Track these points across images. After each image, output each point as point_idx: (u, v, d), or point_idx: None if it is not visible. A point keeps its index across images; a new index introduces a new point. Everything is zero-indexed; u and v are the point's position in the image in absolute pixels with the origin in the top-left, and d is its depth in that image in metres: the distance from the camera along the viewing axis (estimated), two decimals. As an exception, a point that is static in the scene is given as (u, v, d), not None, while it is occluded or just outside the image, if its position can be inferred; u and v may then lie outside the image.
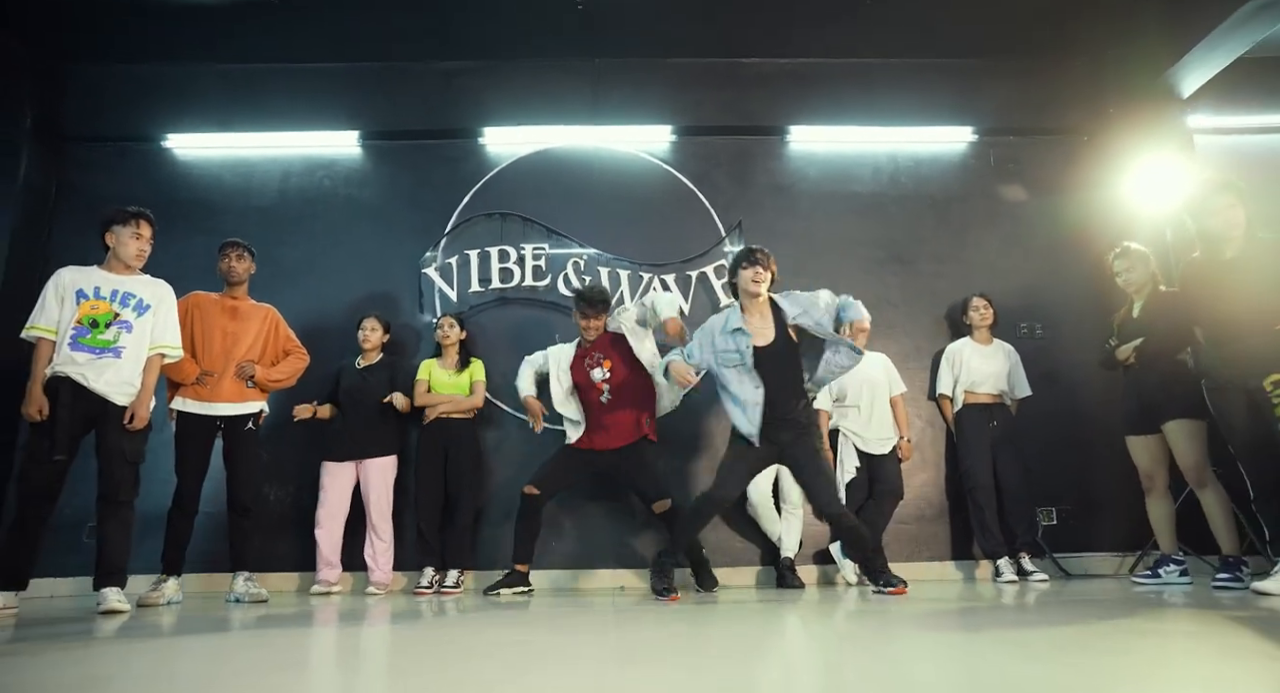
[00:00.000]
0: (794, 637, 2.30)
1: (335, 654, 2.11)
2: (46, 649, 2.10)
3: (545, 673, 1.64)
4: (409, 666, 1.79)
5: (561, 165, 5.11)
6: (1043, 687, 1.38)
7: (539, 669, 1.69)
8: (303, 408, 4.25)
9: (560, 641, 2.17)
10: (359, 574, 4.36)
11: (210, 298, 3.87)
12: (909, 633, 2.22)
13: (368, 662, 1.97)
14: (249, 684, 1.56)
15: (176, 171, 5.09)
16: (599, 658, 1.83)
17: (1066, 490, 4.63)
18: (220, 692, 1.52)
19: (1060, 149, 5.15)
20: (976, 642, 1.99)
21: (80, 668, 1.81)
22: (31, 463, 3.08)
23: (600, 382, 4.08)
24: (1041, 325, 4.91)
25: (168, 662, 1.94)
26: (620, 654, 1.89)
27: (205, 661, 1.95)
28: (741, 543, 4.55)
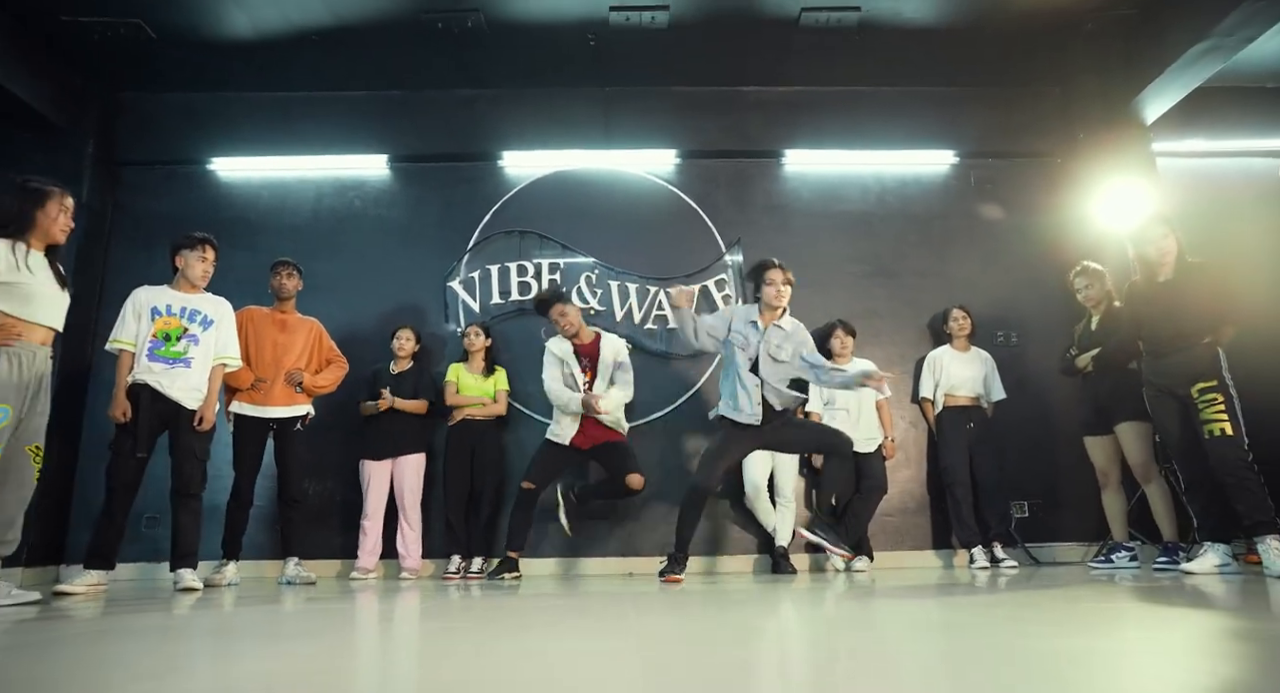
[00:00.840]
0: (788, 614, 2.72)
1: (393, 623, 2.54)
2: (159, 615, 2.54)
3: (578, 636, 2.07)
4: (460, 630, 2.22)
5: (575, 186, 5.54)
6: (994, 647, 1.82)
7: (572, 634, 2.12)
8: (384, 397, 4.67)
9: (583, 608, 2.60)
10: (390, 562, 4.79)
11: (262, 312, 4.31)
12: (892, 609, 2.65)
13: (419, 629, 2.41)
14: (324, 644, 1.99)
15: (220, 192, 5.53)
16: (617, 618, 2.27)
17: (1037, 486, 5.06)
18: (304, 647, 1.95)
19: (1035, 171, 5.58)
20: (950, 616, 2.42)
21: (202, 622, 2.25)
22: (118, 459, 3.53)
23: (585, 387, 4.54)
24: (1015, 334, 5.33)
25: (259, 623, 2.37)
26: (638, 630, 2.32)
27: (287, 625, 2.39)
28: (740, 533, 4.98)
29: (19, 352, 2.93)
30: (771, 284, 3.98)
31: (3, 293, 2.94)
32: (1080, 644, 1.61)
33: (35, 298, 2.99)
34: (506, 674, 1.43)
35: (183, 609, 2.80)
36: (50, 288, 3.05)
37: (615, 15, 4.84)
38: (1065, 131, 5.53)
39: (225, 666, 1.59)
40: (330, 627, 2.23)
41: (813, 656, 1.68)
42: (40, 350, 3.01)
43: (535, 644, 1.81)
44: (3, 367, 2.89)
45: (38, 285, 3.00)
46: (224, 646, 1.92)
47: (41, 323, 3.01)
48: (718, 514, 5.02)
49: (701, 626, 2.17)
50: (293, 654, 1.70)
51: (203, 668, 1.59)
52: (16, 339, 2.93)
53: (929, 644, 1.77)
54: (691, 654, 1.63)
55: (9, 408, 2.88)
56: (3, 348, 2.90)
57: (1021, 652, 1.55)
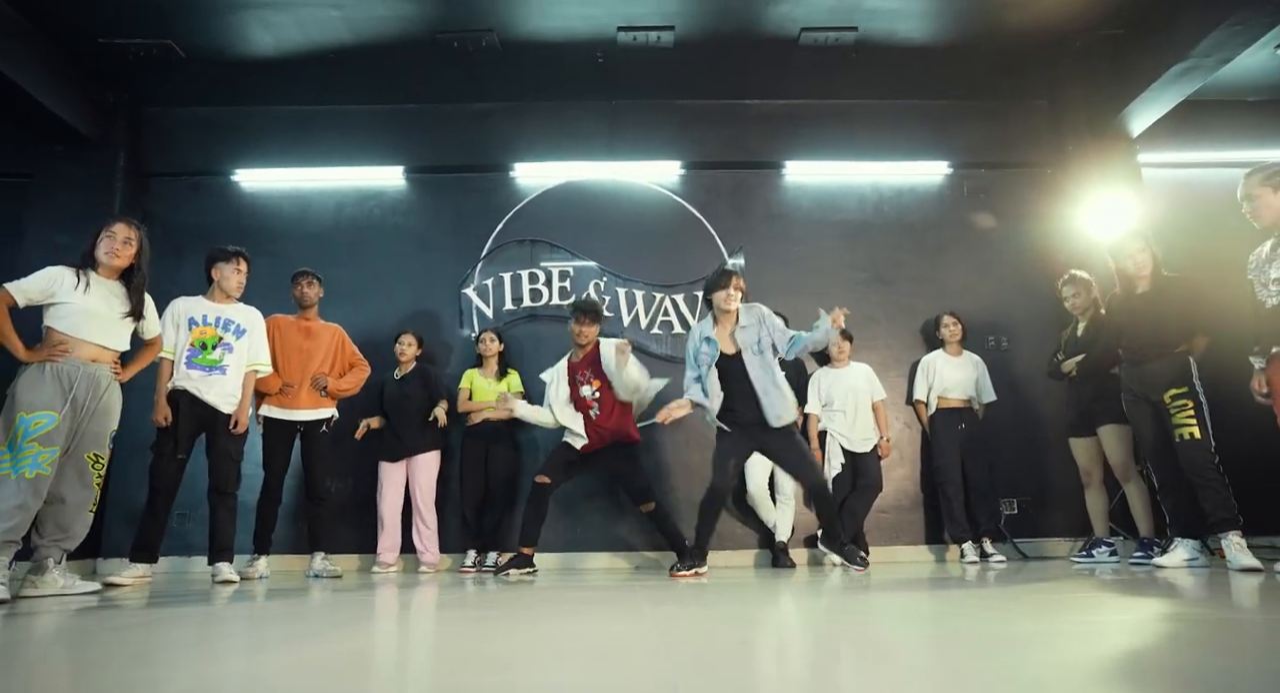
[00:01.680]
0: (788, 606, 2.97)
1: (417, 610, 2.79)
2: (203, 605, 2.79)
3: (593, 619, 2.31)
4: (479, 615, 2.47)
5: (583, 196, 5.78)
6: (976, 630, 2.05)
7: (587, 618, 2.37)
8: (361, 426, 4.90)
9: (599, 597, 2.84)
10: (409, 557, 5.03)
11: (288, 320, 4.55)
12: (883, 600, 2.89)
13: (451, 615, 2.65)
14: (360, 631, 2.23)
15: (243, 202, 5.77)
16: (630, 608, 2.51)
17: (1026, 484, 5.30)
18: (342, 634, 2.19)
19: (1026, 181, 5.80)
20: (935, 606, 2.66)
21: (244, 610, 2.49)
22: (160, 460, 3.78)
23: (589, 399, 4.56)
24: (1006, 339, 5.56)
25: (292, 612, 2.62)
26: (648, 617, 2.56)
27: (317, 613, 2.63)
28: (742, 529, 5.22)
29: (65, 366, 3.16)
30: (723, 288, 4.03)
31: (55, 312, 3.18)
32: (1042, 628, 1.85)
33: (87, 319, 3.22)
34: (542, 652, 1.67)
35: (224, 600, 3.04)
36: (106, 310, 3.29)
37: (623, 35, 5.06)
38: (1055, 143, 5.75)
39: (299, 648, 1.84)
40: (369, 615, 2.48)
41: (806, 638, 1.92)
42: (88, 367, 3.23)
43: (559, 627, 2.05)
44: (47, 378, 3.12)
45: (92, 307, 3.23)
46: (281, 630, 2.17)
47: (90, 341, 3.24)
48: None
49: (707, 614, 2.41)
50: (351, 638, 1.94)
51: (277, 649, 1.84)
52: (64, 355, 3.16)
53: (913, 630, 2.01)
54: (700, 639, 1.87)
55: (54, 414, 3.10)
56: (49, 361, 3.14)
57: (990, 636, 1.79)
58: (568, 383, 4.63)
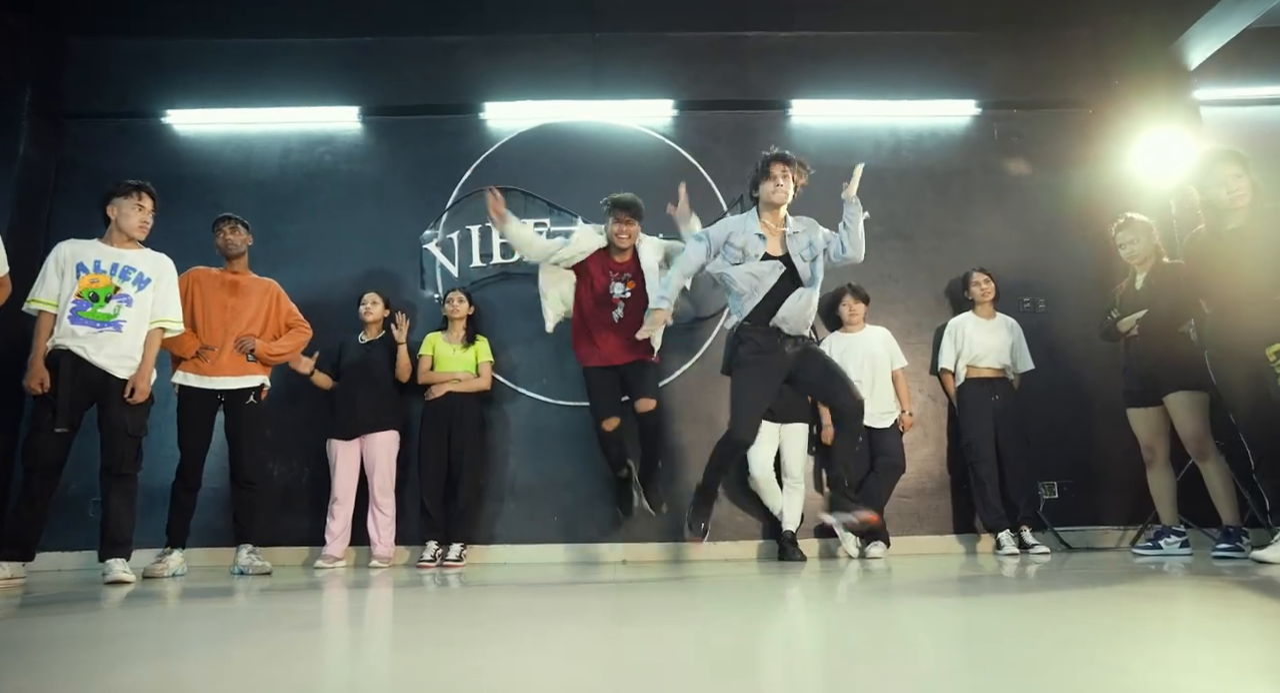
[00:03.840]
0: (796, 607, 2.31)
1: (333, 623, 2.13)
2: (54, 613, 2.12)
3: (567, 634, 1.65)
4: (414, 634, 1.81)
5: (563, 140, 5.09)
6: (1039, 644, 1.40)
7: (556, 631, 1.71)
8: (304, 361, 4.25)
9: (569, 607, 2.18)
10: (362, 548, 4.38)
11: (211, 273, 3.88)
12: (912, 602, 2.24)
13: (368, 631, 1.99)
14: (253, 646, 1.58)
15: (177, 147, 5.07)
16: (607, 622, 1.85)
17: (1068, 464, 4.64)
18: (222, 654, 1.54)
19: (1064, 122, 5.11)
20: (980, 616, 2.00)
21: (86, 628, 1.83)
22: (35, 435, 3.10)
23: (618, 298, 4.06)
24: (1044, 300, 4.89)
25: (170, 627, 1.96)
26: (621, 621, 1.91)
27: (207, 627, 1.97)
28: (744, 517, 4.56)
29: None
30: (769, 179, 3.43)
31: None
32: (1149, 657, 1.20)
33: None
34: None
35: (93, 609, 2.38)
36: None
37: (605, -54, 4.37)
38: (1098, 78, 5.07)
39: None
40: (241, 628, 1.82)
41: (823, 662, 1.26)
42: None
43: (501, 658, 1.40)
44: None
45: None
46: (103, 656, 1.51)
47: None
48: (720, 496, 4.59)
49: (699, 628, 1.75)
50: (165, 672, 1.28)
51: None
52: None
53: (957, 654, 1.36)
54: (688, 668, 1.22)
55: None
56: None
57: (1071, 670, 1.14)
58: (594, 267, 4.11)
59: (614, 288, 4.09)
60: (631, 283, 4.09)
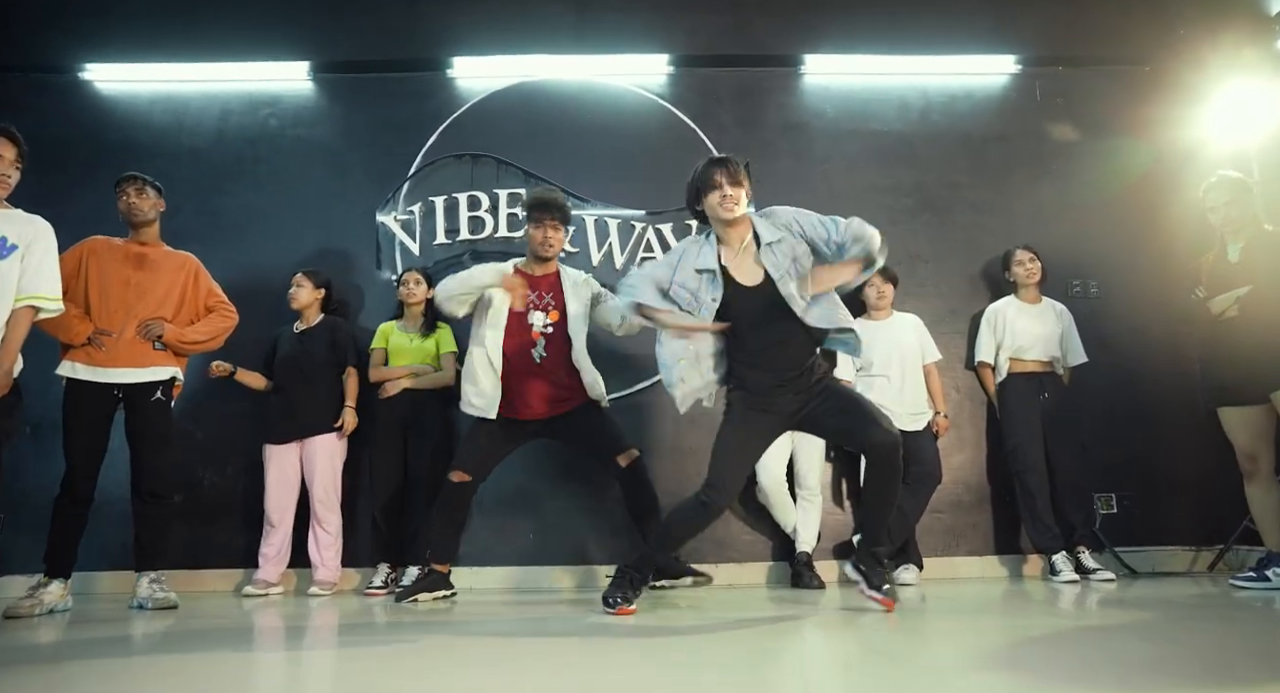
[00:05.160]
0: (814, 652, 1.67)
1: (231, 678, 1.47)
2: None
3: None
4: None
5: (542, 101, 4.43)
6: None
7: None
8: (219, 365, 3.62)
9: (542, 649, 1.53)
10: (304, 571, 3.74)
11: (111, 243, 3.22)
12: (962, 651, 1.60)
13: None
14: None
15: (100, 106, 4.41)
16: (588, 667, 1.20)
17: (1129, 473, 3.98)
18: None
19: (1118, 81, 4.45)
20: (1049, 656, 1.35)
21: None
22: None
23: (538, 331, 3.22)
24: (1096, 283, 4.24)
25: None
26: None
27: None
28: (750, 535, 3.91)
29: None
30: (713, 189, 2.58)
31: None
32: None
33: None
34: None
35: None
36: None
37: None
38: (1159, 30, 4.41)
39: None
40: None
41: None
42: None
43: None
44: None
45: None
46: None
47: None
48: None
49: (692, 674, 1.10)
50: None
51: None
52: None
53: None
54: None
55: None
56: None
57: None
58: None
59: (533, 317, 3.24)
60: (554, 312, 3.24)
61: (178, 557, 3.60)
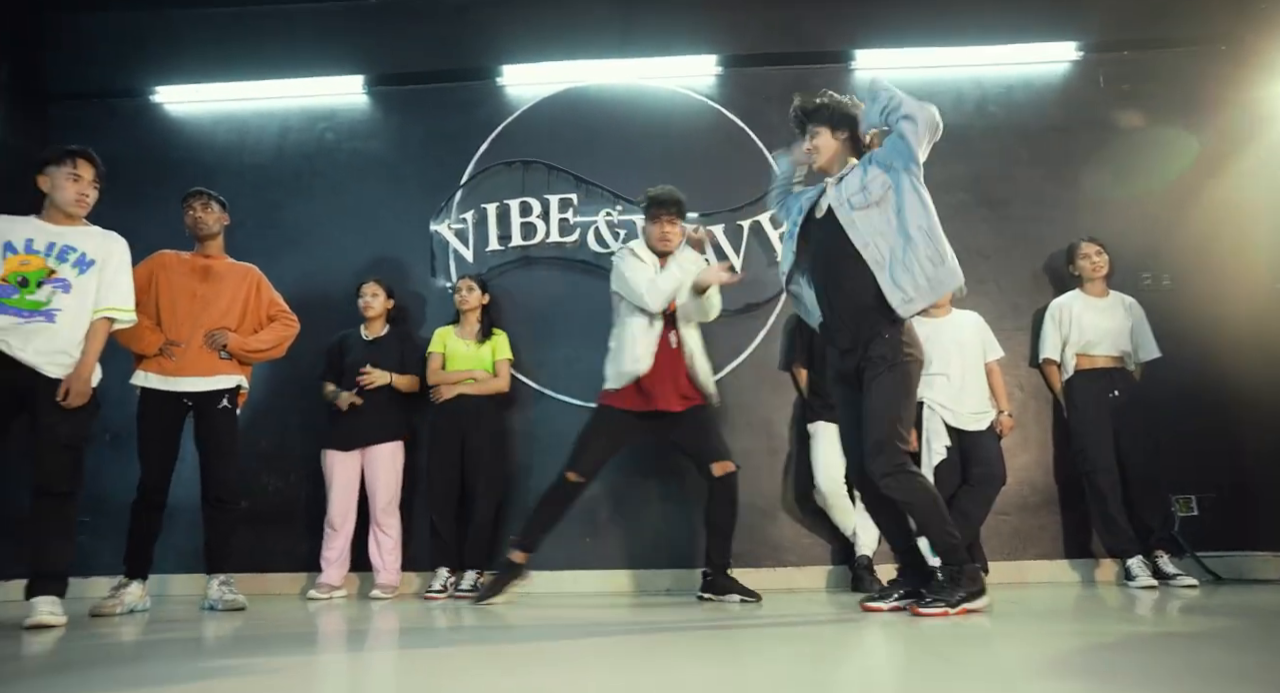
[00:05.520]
0: (870, 654, 1.62)
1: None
2: None
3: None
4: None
5: (591, 106, 4.45)
6: None
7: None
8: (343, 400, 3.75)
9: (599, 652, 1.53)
10: (365, 575, 3.82)
11: (179, 257, 3.34)
12: (1026, 656, 1.53)
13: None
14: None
15: (167, 128, 4.59)
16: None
17: (1210, 473, 3.79)
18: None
19: (1188, 62, 4.26)
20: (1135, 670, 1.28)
21: None
22: (-53, 447, 2.58)
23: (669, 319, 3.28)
24: (1168, 275, 4.06)
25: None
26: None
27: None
28: (809, 539, 3.86)
29: None
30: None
31: None
32: None
33: None
34: None
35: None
36: None
37: None
38: (1235, 6, 4.21)
39: None
40: None
41: None
42: None
43: None
44: None
45: None
46: None
47: None
48: (777, 516, 3.91)
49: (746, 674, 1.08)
50: None
51: None
52: None
53: None
54: None
55: None
56: None
57: None
58: None
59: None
60: (672, 302, 3.28)
61: (244, 561, 3.71)
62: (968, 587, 2.45)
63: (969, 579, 2.46)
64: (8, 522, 3.87)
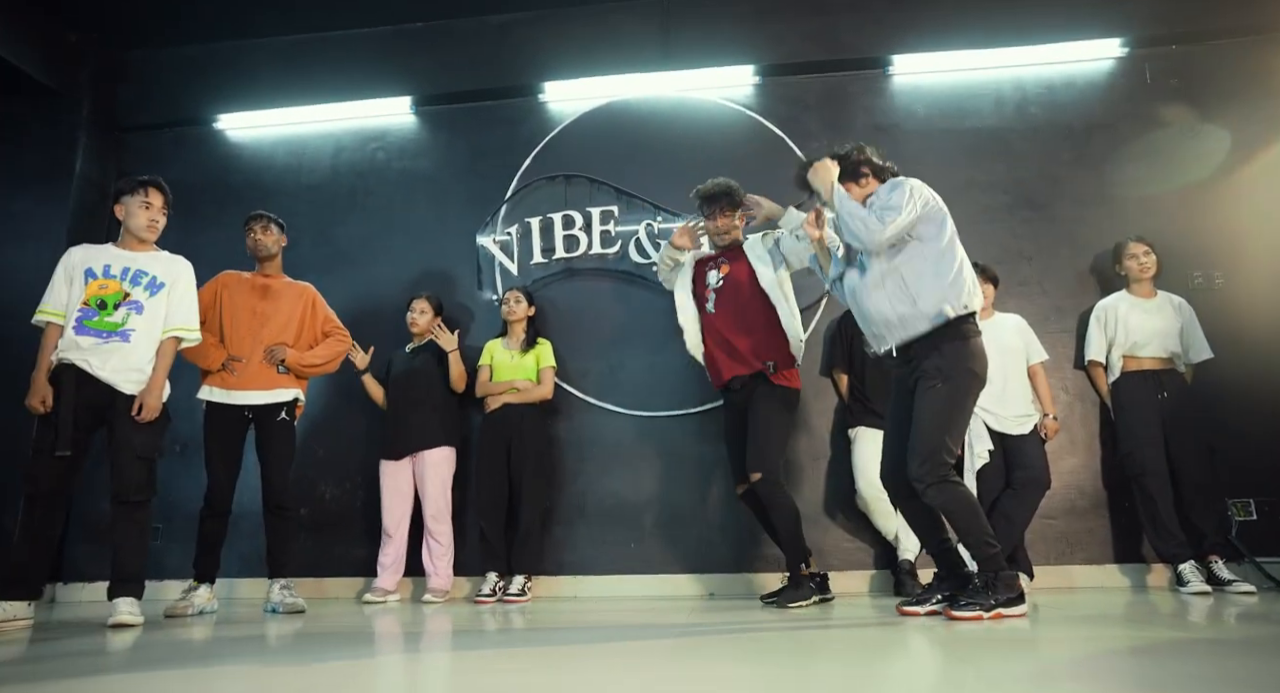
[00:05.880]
0: (898, 667, 1.66)
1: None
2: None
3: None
4: None
5: (631, 119, 4.55)
6: None
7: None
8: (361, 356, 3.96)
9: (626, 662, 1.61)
10: (418, 579, 3.96)
11: (240, 277, 3.53)
12: (1070, 659, 1.55)
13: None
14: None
15: (229, 153, 4.84)
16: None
17: (1269, 477, 3.70)
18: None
19: (1238, 54, 4.16)
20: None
21: None
22: (36, 460, 2.78)
23: (710, 288, 3.48)
24: (1220, 274, 3.97)
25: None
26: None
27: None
28: (851, 543, 3.87)
29: None
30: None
31: None
32: None
33: None
34: None
35: (70, 659, 1.98)
36: None
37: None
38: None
39: None
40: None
41: None
42: None
43: None
44: None
45: None
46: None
47: None
48: (822, 519, 3.93)
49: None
50: None
51: None
52: None
53: None
54: None
55: None
56: None
57: None
58: (692, 276, 3.60)
59: (709, 277, 3.51)
60: (726, 267, 3.46)
61: (303, 566, 3.90)
62: (1004, 592, 2.46)
63: (1005, 586, 2.47)
64: (90, 528, 4.13)
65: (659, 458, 4.10)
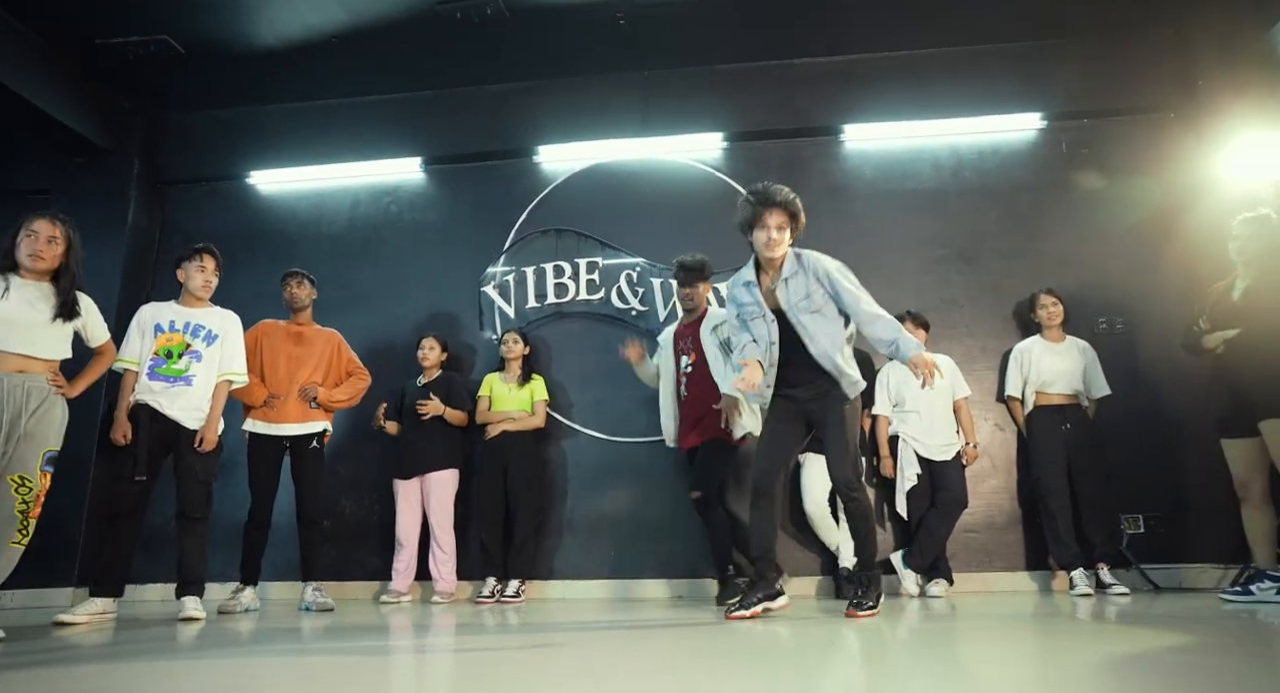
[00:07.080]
0: (851, 650, 2.25)
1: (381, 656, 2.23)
2: (137, 654, 2.32)
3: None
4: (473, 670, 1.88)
5: (613, 179, 5.18)
6: None
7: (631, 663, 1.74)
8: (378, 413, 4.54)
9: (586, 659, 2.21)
10: (427, 583, 4.54)
11: (277, 325, 4.15)
12: (970, 649, 2.14)
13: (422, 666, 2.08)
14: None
15: (260, 206, 5.47)
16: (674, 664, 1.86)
17: (1156, 496, 4.30)
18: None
19: (1141, 129, 4.79)
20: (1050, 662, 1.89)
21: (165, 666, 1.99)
22: (118, 483, 3.40)
23: (682, 372, 4.10)
24: (1123, 319, 4.58)
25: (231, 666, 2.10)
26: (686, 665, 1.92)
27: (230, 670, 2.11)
28: (800, 552, 4.46)
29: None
30: (764, 229, 3.07)
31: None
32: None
33: (7, 326, 2.91)
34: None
35: (154, 643, 2.59)
36: (26, 315, 2.96)
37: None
38: (1180, 79, 4.73)
39: None
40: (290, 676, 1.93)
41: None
42: (14, 378, 2.90)
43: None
44: None
45: (12, 313, 2.92)
46: None
47: (12, 351, 2.91)
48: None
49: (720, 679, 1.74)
50: None
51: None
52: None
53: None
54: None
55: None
56: None
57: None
58: (672, 352, 4.21)
59: (681, 360, 4.13)
60: (693, 355, 4.07)
61: (327, 571, 4.48)
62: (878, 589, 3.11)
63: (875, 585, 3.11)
64: (159, 538, 4.70)
65: (636, 478, 4.69)
